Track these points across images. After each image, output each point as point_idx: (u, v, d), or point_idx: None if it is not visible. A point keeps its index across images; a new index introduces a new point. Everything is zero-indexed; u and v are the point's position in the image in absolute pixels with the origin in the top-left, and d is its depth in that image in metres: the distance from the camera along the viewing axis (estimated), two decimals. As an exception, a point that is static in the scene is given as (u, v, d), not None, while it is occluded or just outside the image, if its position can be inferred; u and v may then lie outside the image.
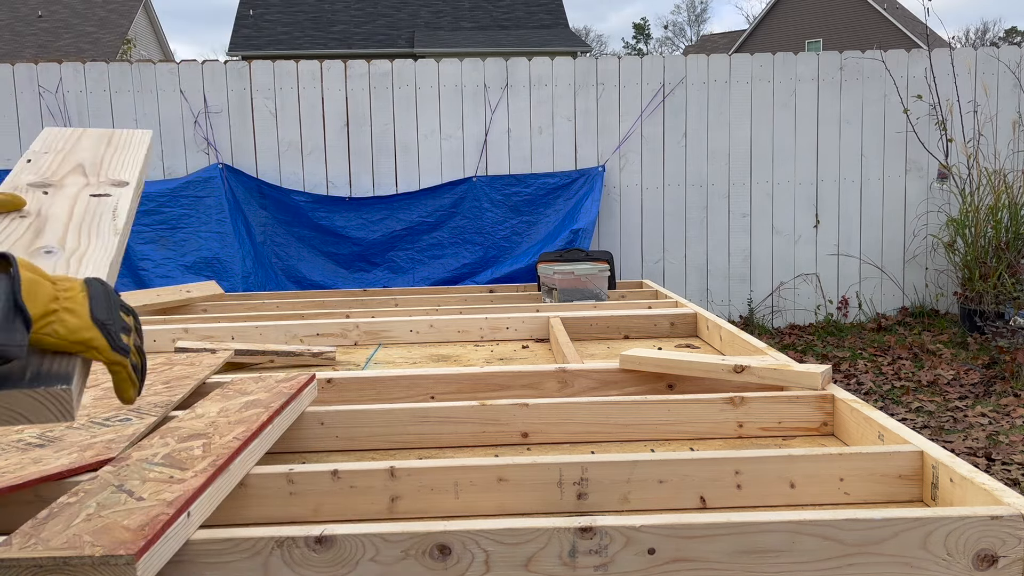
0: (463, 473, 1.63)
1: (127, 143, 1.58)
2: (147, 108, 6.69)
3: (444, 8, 23.70)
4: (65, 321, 0.98)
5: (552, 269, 4.31)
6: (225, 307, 4.37)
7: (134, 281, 6.32)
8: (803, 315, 7.20)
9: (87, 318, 1.00)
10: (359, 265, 6.76)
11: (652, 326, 3.42)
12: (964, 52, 7.04)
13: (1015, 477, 3.93)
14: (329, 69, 6.81)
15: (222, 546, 1.33)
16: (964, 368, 5.69)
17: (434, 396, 2.30)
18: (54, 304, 0.98)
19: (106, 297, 1.05)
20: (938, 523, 1.33)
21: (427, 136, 6.87)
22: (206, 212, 6.47)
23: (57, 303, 0.98)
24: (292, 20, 22.83)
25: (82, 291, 1.03)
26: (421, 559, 1.33)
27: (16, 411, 0.94)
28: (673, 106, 6.94)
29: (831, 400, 2.05)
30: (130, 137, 1.60)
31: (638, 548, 1.33)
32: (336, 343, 3.32)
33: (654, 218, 7.02)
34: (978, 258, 6.62)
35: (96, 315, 1.01)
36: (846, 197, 7.10)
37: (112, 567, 1.20)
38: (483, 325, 3.40)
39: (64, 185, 1.38)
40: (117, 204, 1.37)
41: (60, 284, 1.01)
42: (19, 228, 1.22)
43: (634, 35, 60.11)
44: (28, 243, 1.18)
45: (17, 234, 1.20)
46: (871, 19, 31.19)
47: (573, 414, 2.03)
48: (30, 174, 1.39)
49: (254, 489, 1.63)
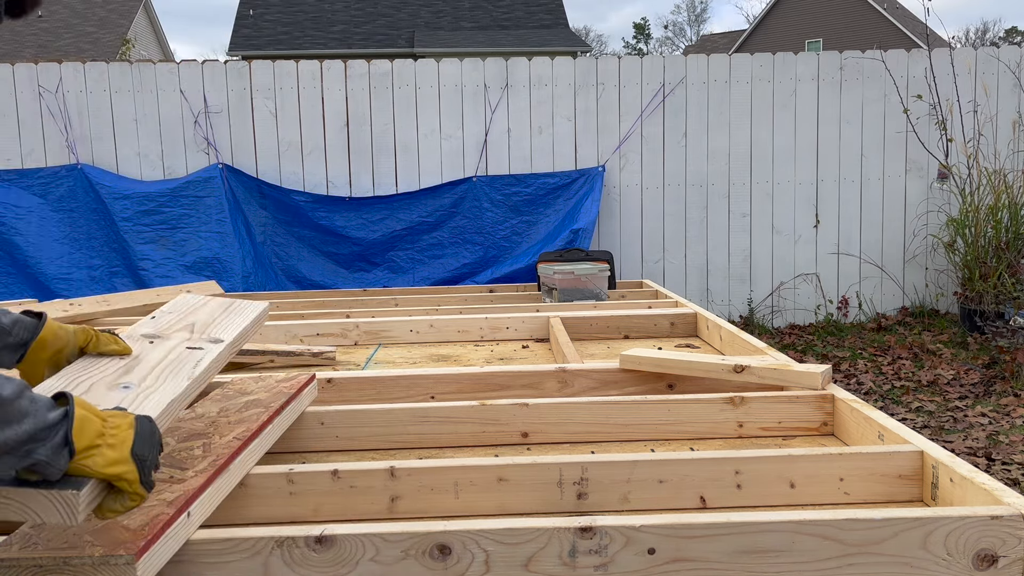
0: (463, 473, 1.63)
1: (240, 310, 1.90)
2: (147, 108, 6.69)
3: (444, 8, 23.70)
4: (105, 454, 1.16)
5: (552, 269, 4.31)
6: (225, 307, 4.36)
7: (134, 281, 6.32)
8: (803, 315, 7.20)
9: (126, 452, 1.19)
10: (359, 265, 6.76)
11: (652, 326, 3.42)
12: (964, 52, 7.04)
13: (1015, 477, 3.93)
14: (329, 69, 6.81)
15: (222, 546, 1.33)
16: (964, 368, 5.69)
17: (434, 396, 2.30)
18: (99, 439, 1.17)
19: (150, 435, 1.24)
20: (938, 523, 1.34)
21: (427, 136, 6.87)
22: (206, 212, 6.47)
23: (102, 439, 1.17)
24: (292, 20, 22.83)
25: (130, 428, 1.22)
26: (421, 559, 1.33)
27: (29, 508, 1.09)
28: (673, 106, 6.94)
29: (831, 400, 2.05)
30: (245, 306, 1.92)
31: (638, 548, 1.33)
32: (336, 343, 3.32)
33: (654, 218, 7.02)
34: (978, 258, 6.62)
35: (136, 451, 1.20)
36: (846, 197, 7.10)
37: (112, 567, 1.20)
38: (483, 325, 3.40)
39: (169, 338, 1.66)
40: (204, 356, 1.60)
41: (110, 421, 1.21)
42: (113, 366, 1.47)
43: (634, 35, 60.12)
44: (114, 379, 1.41)
45: (109, 371, 1.44)
46: (871, 19, 31.19)
47: (573, 414, 2.03)
48: (148, 327, 1.69)
49: (254, 489, 1.63)
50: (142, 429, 1.23)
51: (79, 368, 1.47)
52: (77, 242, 6.42)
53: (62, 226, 6.44)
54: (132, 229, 6.41)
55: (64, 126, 6.63)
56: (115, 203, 6.44)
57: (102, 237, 6.47)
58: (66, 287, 6.20)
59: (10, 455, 1.08)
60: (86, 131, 6.66)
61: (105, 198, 6.45)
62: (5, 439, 1.07)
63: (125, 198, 6.46)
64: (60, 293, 6.02)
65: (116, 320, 3.78)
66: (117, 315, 3.94)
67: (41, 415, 1.11)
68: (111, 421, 1.21)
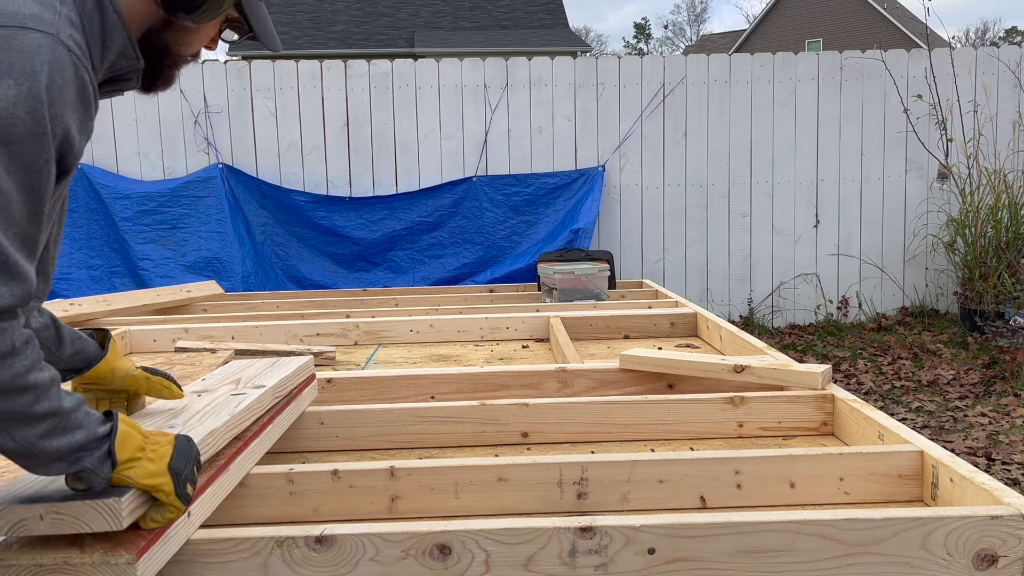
0: (463, 473, 1.63)
1: (284, 364, 2.05)
2: (147, 108, 6.69)
3: (444, 8, 23.69)
4: (144, 467, 1.26)
5: (552, 269, 4.31)
6: (225, 307, 4.37)
7: (134, 281, 6.32)
8: (803, 315, 7.20)
9: (164, 466, 1.28)
10: (359, 265, 6.76)
11: (652, 326, 3.43)
12: (964, 52, 7.04)
13: (1015, 477, 3.93)
14: (329, 69, 6.81)
15: (222, 546, 1.34)
16: (964, 368, 5.69)
17: (434, 396, 2.30)
18: (139, 453, 1.27)
19: (188, 451, 1.34)
20: (938, 523, 1.34)
21: (427, 136, 6.87)
22: (206, 212, 6.46)
23: (142, 452, 1.27)
24: (292, 20, 22.82)
25: (168, 444, 1.32)
26: (421, 559, 1.33)
27: (80, 519, 1.21)
28: (673, 106, 6.94)
29: (831, 400, 2.05)
30: (290, 361, 2.08)
31: (638, 548, 1.33)
32: (336, 343, 3.32)
33: (654, 218, 7.02)
34: (978, 258, 6.62)
35: (172, 465, 1.29)
36: (846, 197, 7.10)
37: (112, 566, 1.20)
38: (483, 325, 3.40)
39: (216, 391, 1.80)
40: (245, 399, 1.72)
41: (151, 438, 1.31)
42: (162, 416, 1.61)
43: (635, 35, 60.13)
44: (162, 423, 1.55)
45: (157, 419, 1.58)
46: (871, 19, 31.18)
47: (573, 414, 2.03)
48: (197, 386, 1.87)
49: (254, 489, 1.63)
50: (180, 446, 1.33)
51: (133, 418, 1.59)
52: (77, 242, 6.42)
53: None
54: (132, 229, 6.40)
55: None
56: (115, 203, 6.44)
57: (102, 237, 6.46)
58: (66, 287, 6.20)
59: (62, 461, 1.19)
60: (86, 131, 6.65)
61: (105, 198, 6.45)
62: (59, 446, 1.17)
63: (125, 198, 6.46)
64: (60, 293, 6.02)
65: (116, 320, 3.78)
66: (117, 315, 3.94)
67: (92, 428, 1.22)
68: (152, 438, 1.32)
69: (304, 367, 2.07)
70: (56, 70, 1.15)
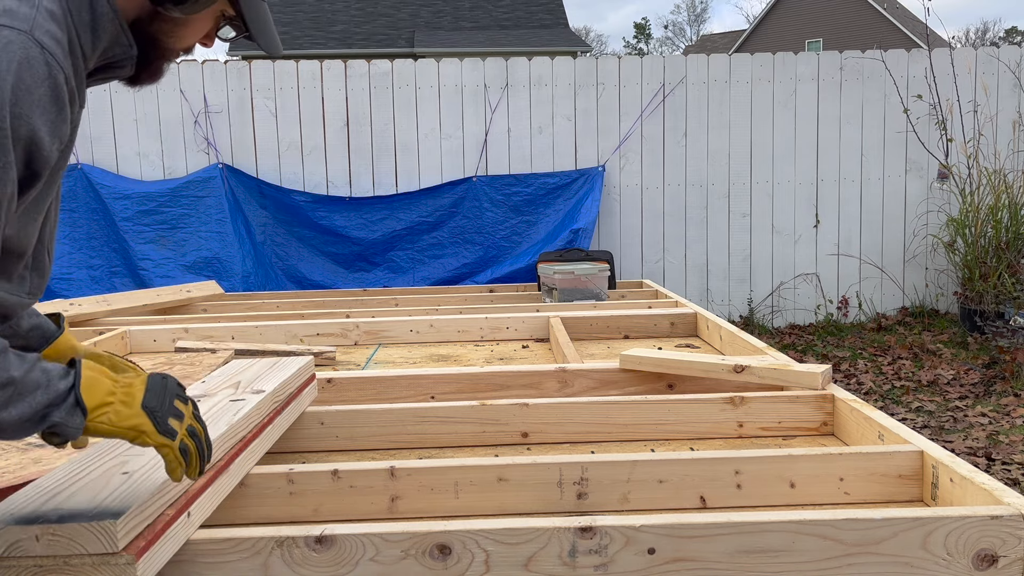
0: (463, 473, 1.63)
1: (284, 365, 2.03)
2: (147, 108, 6.69)
3: (444, 8, 23.69)
4: (118, 411, 1.20)
5: (552, 269, 4.31)
6: (225, 307, 4.37)
7: (134, 281, 6.32)
8: (803, 315, 7.20)
9: (138, 407, 1.21)
10: (359, 265, 6.76)
11: (652, 326, 3.43)
12: (964, 52, 7.04)
13: (1015, 477, 3.93)
14: (329, 69, 6.81)
15: (222, 546, 1.34)
16: (964, 368, 5.69)
17: (434, 396, 2.30)
18: (110, 397, 1.20)
19: (161, 388, 1.26)
20: (938, 523, 1.34)
21: (427, 136, 6.87)
22: (206, 212, 6.46)
23: (113, 396, 1.21)
24: (292, 20, 22.81)
25: (141, 384, 1.24)
26: (421, 559, 1.33)
27: (76, 541, 1.19)
28: (673, 106, 6.94)
29: (831, 400, 2.05)
30: (291, 362, 2.06)
31: (638, 548, 1.33)
32: (336, 343, 3.32)
33: (654, 218, 7.02)
34: (978, 258, 6.62)
35: (146, 403, 1.22)
36: (846, 197, 7.10)
37: (112, 566, 1.20)
38: (483, 325, 3.40)
39: (215, 395, 1.78)
40: (244, 405, 1.70)
41: (121, 380, 1.24)
42: None
43: (635, 35, 60.11)
44: None
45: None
46: (871, 19, 31.18)
47: (573, 414, 2.03)
48: (197, 389, 1.84)
49: (254, 489, 1.63)
50: (152, 384, 1.26)
51: None
52: (77, 242, 6.42)
53: (62, 226, 6.43)
54: (132, 229, 6.40)
55: (64, 126, 6.63)
56: (115, 203, 6.44)
57: (102, 237, 6.46)
58: (66, 287, 6.20)
59: (29, 422, 1.14)
60: (86, 131, 6.65)
61: (105, 198, 6.45)
62: (20, 413, 1.13)
63: (125, 198, 6.46)
64: (60, 293, 6.02)
65: (116, 320, 3.78)
66: (117, 315, 3.94)
67: (53, 385, 1.16)
68: (123, 380, 1.24)
69: (304, 368, 2.07)
70: (25, 69, 1.10)
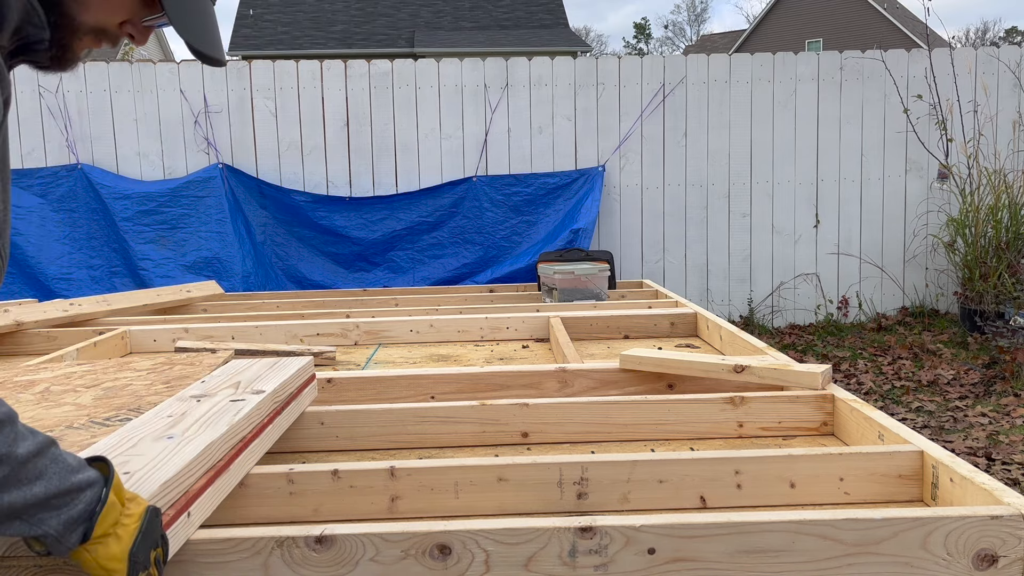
0: (463, 473, 1.63)
1: (284, 365, 2.01)
2: (147, 108, 6.69)
3: (444, 8, 23.69)
4: (109, 547, 1.09)
5: (552, 269, 4.31)
6: (225, 307, 4.37)
7: (134, 281, 6.32)
8: (803, 315, 7.20)
9: (125, 551, 1.10)
10: (359, 265, 6.76)
11: (652, 326, 3.42)
12: (964, 52, 7.04)
13: (1015, 477, 3.93)
14: (329, 69, 6.81)
15: (222, 546, 1.33)
16: (964, 368, 5.69)
17: (434, 396, 2.30)
18: (111, 529, 1.10)
19: (152, 534, 1.15)
20: (938, 523, 1.33)
21: (427, 136, 6.87)
22: (206, 212, 6.47)
23: (113, 528, 1.10)
24: (292, 20, 22.81)
25: (137, 523, 1.13)
26: (421, 559, 1.33)
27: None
28: (673, 106, 6.94)
29: (831, 400, 2.05)
30: (291, 362, 2.05)
31: (638, 548, 1.33)
32: (336, 343, 3.32)
33: (654, 218, 7.02)
34: (978, 258, 6.62)
35: (134, 550, 1.11)
36: (846, 197, 7.10)
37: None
38: (483, 325, 3.40)
39: (215, 395, 1.77)
40: (244, 406, 1.69)
41: (127, 509, 1.14)
42: (162, 422, 1.58)
43: (635, 35, 60.11)
44: (160, 432, 1.51)
45: (156, 426, 1.55)
46: (871, 19, 31.18)
47: (573, 414, 2.03)
48: (197, 389, 1.83)
49: (254, 489, 1.63)
50: (147, 527, 1.15)
51: (132, 426, 1.57)
52: (77, 242, 6.42)
53: (62, 226, 6.44)
54: (132, 229, 6.41)
55: (64, 126, 6.63)
56: (115, 203, 6.44)
57: (102, 237, 6.47)
58: (66, 287, 6.20)
59: (19, 520, 1.00)
60: (86, 131, 6.66)
61: (105, 198, 6.45)
62: (11, 501, 0.98)
63: (125, 198, 6.46)
64: (60, 293, 6.02)
65: (116, 320, 3.78)
66: (117, 315, 3.93)
67: (61, 478, 1.03)
68: (128, 509, 1.15)
69: (304, 368, 2.07)
70: None
